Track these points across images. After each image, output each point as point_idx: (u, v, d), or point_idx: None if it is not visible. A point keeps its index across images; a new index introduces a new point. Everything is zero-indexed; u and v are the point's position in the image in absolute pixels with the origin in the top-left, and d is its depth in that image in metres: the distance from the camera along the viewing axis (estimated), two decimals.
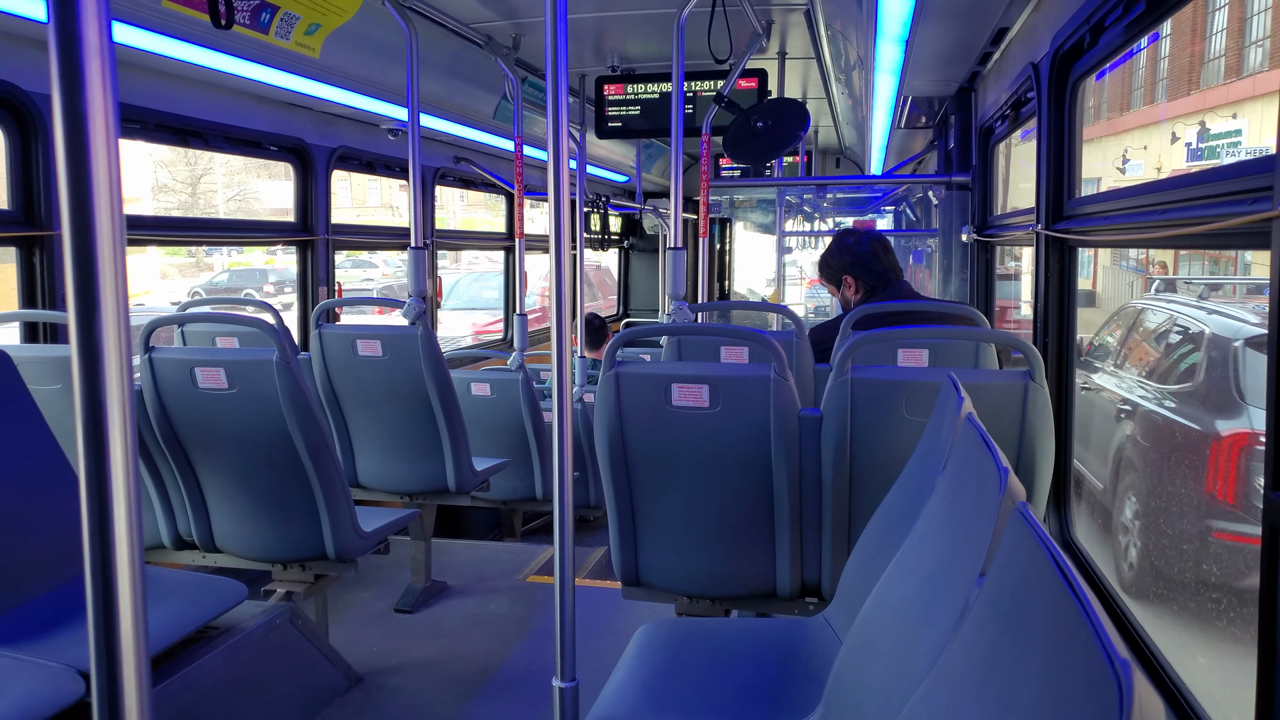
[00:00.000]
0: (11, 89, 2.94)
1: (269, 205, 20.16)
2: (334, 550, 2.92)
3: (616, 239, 10.57)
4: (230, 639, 2.45)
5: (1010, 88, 3.48)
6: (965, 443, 1.47)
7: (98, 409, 0.77)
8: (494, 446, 4.72)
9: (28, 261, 3.09)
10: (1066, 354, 2.81)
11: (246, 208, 19.69)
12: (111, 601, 0.78)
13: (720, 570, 2.52)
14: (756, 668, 2.00)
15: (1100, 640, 0.67)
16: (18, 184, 3.04)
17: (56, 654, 2.07)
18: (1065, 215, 2.75)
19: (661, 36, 4.87)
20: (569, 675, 1.83)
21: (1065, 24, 2.57)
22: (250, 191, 21.04)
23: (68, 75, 0.74)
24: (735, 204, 11.63)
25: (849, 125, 7.70)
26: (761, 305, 9.70)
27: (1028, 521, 0.94)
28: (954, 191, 4.91)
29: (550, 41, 1.64)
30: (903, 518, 1.76)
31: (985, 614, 0.99)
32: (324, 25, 3.63)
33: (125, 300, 0.79)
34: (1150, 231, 2.07)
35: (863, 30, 3.55)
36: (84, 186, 0.76)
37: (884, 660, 1.41)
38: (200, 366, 2.77)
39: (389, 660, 3.25)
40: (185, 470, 2.94)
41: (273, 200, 19.95)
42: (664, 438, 2.41)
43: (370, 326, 3.71)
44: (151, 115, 3.59)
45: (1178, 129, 5.70)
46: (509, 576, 4.09)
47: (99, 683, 0.80)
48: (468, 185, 6.55)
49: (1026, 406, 2.19)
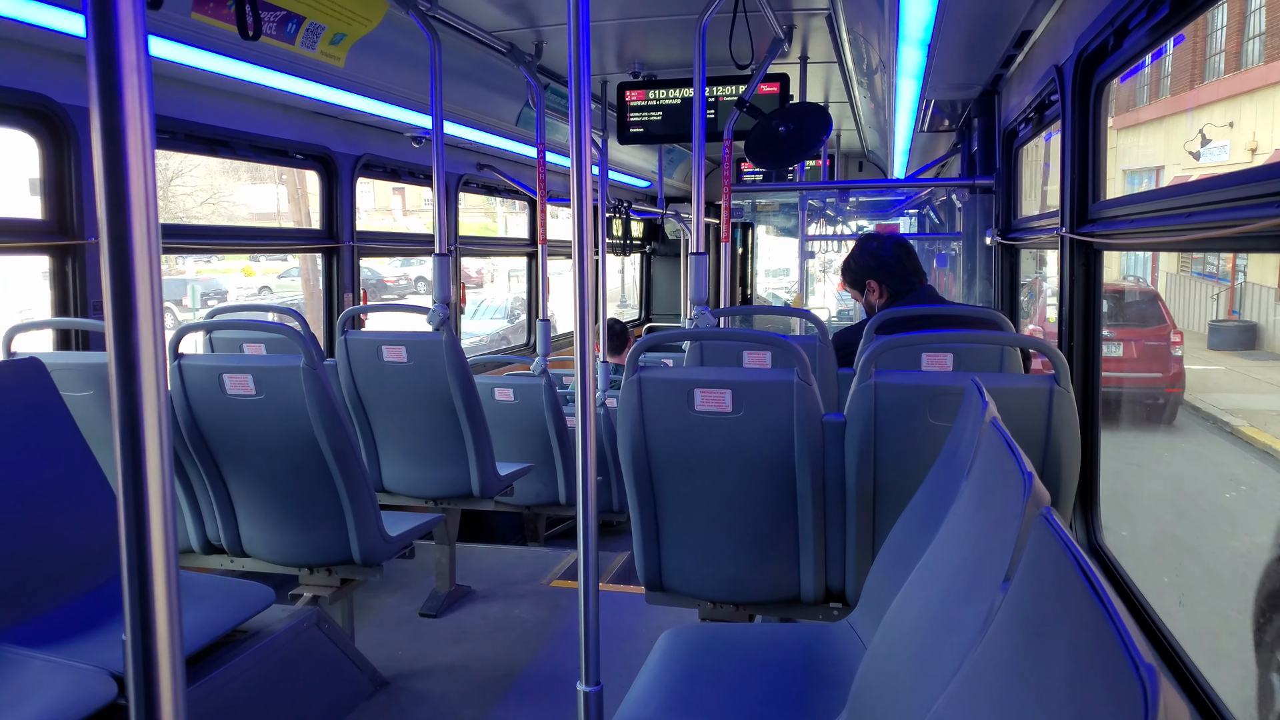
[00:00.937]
0: (46, 101, 3.00)
1: (254, 210, 19.89)
2: (360, 554, 2.95)
3: (638, 244, 10.59)
4: (258, 642, 2.48)
5: (1034, 90, 3.46)
6: (990, 447, 1.47)
7: (134, 415, 0.79)
8: (517, 451, 4.74)
9: (60, 270, 3.14)
10: (1092, 357, 2.79)
11: (223, 213, 19.50)
12: (148, 604, 0.80)
13: (744, 575, 2.51)
14: (780, 673, 2.00)
15: (1125, 646, 0.67)
16: (51, 194, 3.09)
17: (89, 657, 2.10)
18: (1090, 218, 2.73)
19: (683, 42, 4.88)
20: (593, 679, 1.84)
21: (1089, 26, 2.55)
22: (226, 195, 20.89)
23: (106, 91, 0.76)
24: (757, 208, 11.62)
25: (871, 129, 7.68)
26: (784, 310, 9.67)
27: (1052, 527, 0.94)
28: (977, 195, 4.88)
29: (572, 48, 1.65)
30: (927, 523, 1.75)
31: (1010, 620, 0.99)
32: (349, 35, 3.68)
33: (160, 308, 0.81)
34: (1175, 235, 2.05)
35: (884, 34, 3.55)
36: (121, 198, 0.78)
37: (908, 666, 1.41)
38: (228, 373, 2.81)
39: (414, 664, 3.27)
40: (214, 476, 2.98)
41: (257, 205, 19.68)
42: (687, 443, 2.41)
43: (397, 333, 3.74)
44: (181, 125, 3.65)
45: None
46: (533, 581, 4.10)
47: (135, 684, 0.81)
48: (491, 192, 6.59)
49: (1052, 411, 2.18)
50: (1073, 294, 2.81)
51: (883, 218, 11.44)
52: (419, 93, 4.26)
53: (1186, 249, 4.98)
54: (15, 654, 2.10)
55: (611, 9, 4.34)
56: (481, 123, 5.30)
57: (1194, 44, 5.52)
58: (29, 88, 2.95)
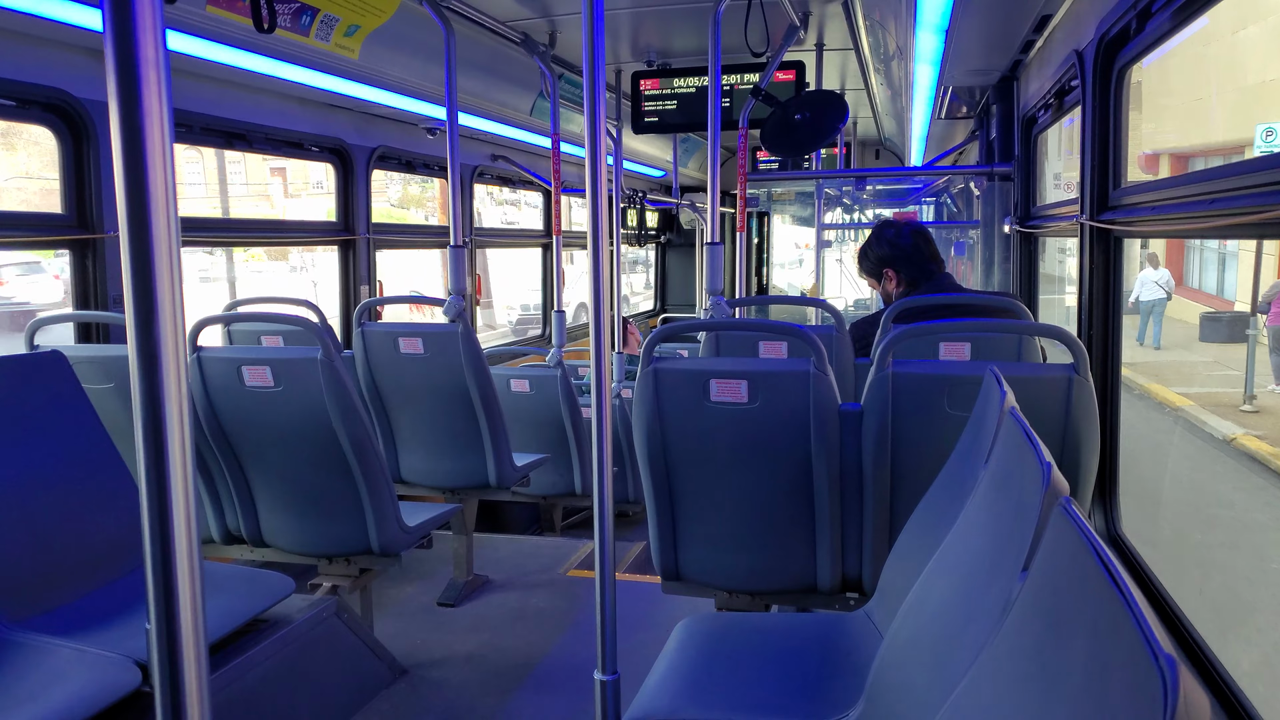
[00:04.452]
0: (64, 95, 3.02)
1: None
2: (378, 545, 2.97)
3: (653, 234, 10.57)
4: (278, 631, 2.51)
5: (1054, 76, 3.42)
6: (1008, 437, 1.46)
7: (157, 407, 0.80)
8: (534, 442, 4.76)
9: (80, 264, 3.17)
10: (1112, 346, 2.77)
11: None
12: (172, 593, 0.81)
13: (760, 565, 2.51)
14: (797, 662, 2.00)
15: (1145, 637, 0.67)
16: (70, 188, 3.12)
17: (113, 645, 2.13)
18: (1110, 205, 2.70)
19: (698, 30, 4.86)
20: (610, 669, 1.85)
21: (1111, 10, 2.52)
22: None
23: (125, 85, 0.76)
24: (773, 197, 11.57)
25: (888, 116, 7.63)
26: (800, 300, 9.63)
27: (1071, 517, 0.93)
28: (996, 182, 4.84)
29: (587, 37, 1.65)
30: (944, 513, 1.75)
31: (1028, 610, 0.99)
32: (363, 26, 3.68)
33: (181, 301, 0.81)
34: (1198, 222, 2.03)
35: (901, 20, 3.52)
36: (141, 192, 0.78)
37: (926, 656, 1.41)
38: (247, 365, 2.83)
39: (433, 653, 3.30)
40: (234, 467, 3.00)
41: None
42: (703, 433, 2.41)
43: (413, 324, 3.75)
44: (198, 119, 3.67)
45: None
46: (550, 571, 4.12)
47: (160, 672, 0.82)
48: (506, 183, 6.60)
49: (1071, 400, 2.16)
50: (1092, 282, 2.78)
51: (900, 206, 11.37)
52: (433, 84, 4.26)
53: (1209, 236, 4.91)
54: (41, 642, 2.13)
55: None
56: (496, 114, 5.29)
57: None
58: (48, 83, 2.97)
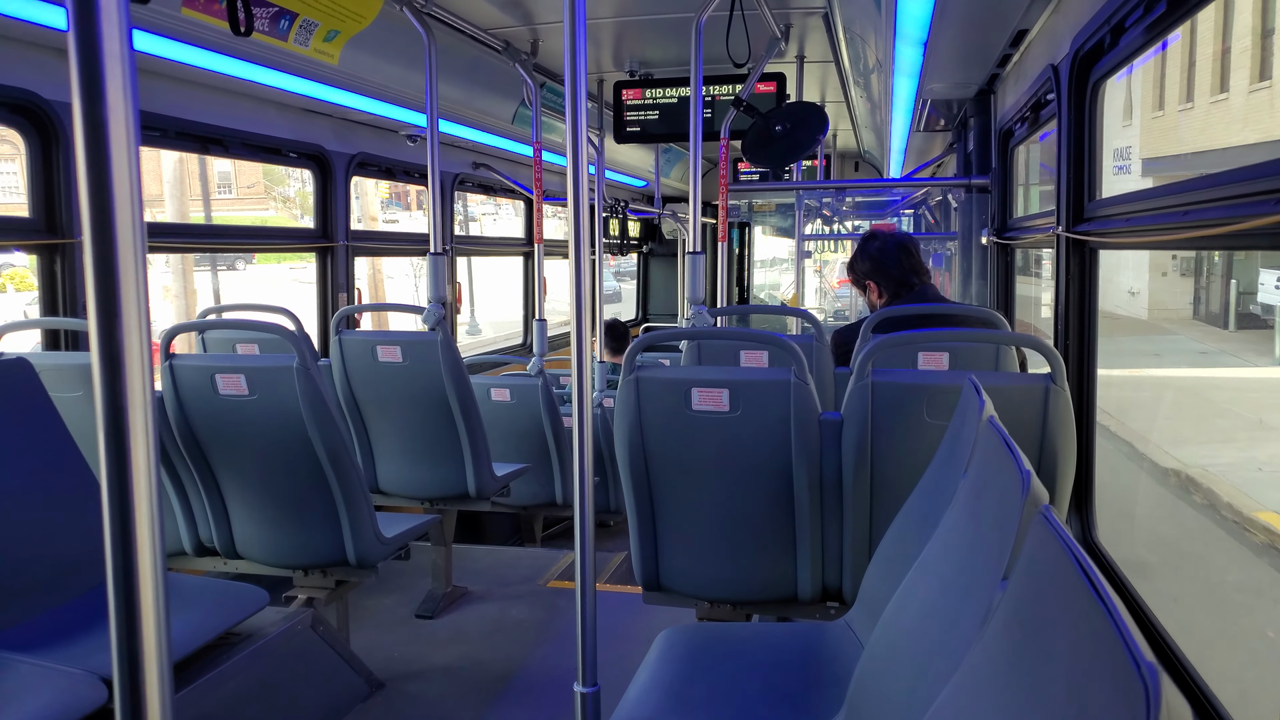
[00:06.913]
0: (32, 97, 2.98)
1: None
2: (355, 556, 2.93)
3: (635, 244, 10.58)
4: (252, 645, 2.46)
5: (1030, 90, 3.45)
6: (987, 446, 1.46)
7: (119, 415, 0.78)
8: (514, 452, 4.72)
9: (49, 269, 3.12)
10: (1088, 356, 2.79)
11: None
12: (134, 608, 0.79)
13: (741, 575, 2.51)
14: (778, 672, 1.99)
15: (1126, 644, 0.66)
16: (39, 192, 3.07)
17: (79, 661, 2.08)
18: (1086, 217, 2.72)
19: (680, 41, 4.87)
20: (590, 680, 1.83)
21: (1085, 25, 2.55)
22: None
23: (88, 84, 0.74)
24: (754, 208, 11.60)
25: (868, 129, 7.67)
26: (781, 309, 9.67)
27: (1051, 525, 0.93)
28: (973, 194, 4.88)
29: (569, 46, 1.64)
30: (924, 521, 1.74)
31: (1009, 618, 0.98)
32: (343, 32, 3.66)
33: (146, 307, 0.79)
34: (1172, 233, 2.04)
35: (881, 33, 3.54)
36: (105, 194, 0.76)
37: (907, 664, 1.40)
38: (221, 373, 2.79)
39: (410, 666, 3.26)
40: (206, 477, 2.96)
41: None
42: (684, 442, 2.40)
43: (391, 332, 3.72)
44: (172, 123, 3.63)
45: None
46: (529, 581, 4.09)
47: (121, 689, 0.80)
48: (487, 191, 6.58)
49: (1048, 409, 2.17)
50: (1068, 293, 2.80)
51: (879, 217, 11.43)
52: (414, 91, 4.24)
53: (1183, 247, 4.98)
54: (4, 658, 2.08)
55: (608, 7, 4.33)
56: (477, 121, 5.28)
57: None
58: (16, 84, 2.93)
